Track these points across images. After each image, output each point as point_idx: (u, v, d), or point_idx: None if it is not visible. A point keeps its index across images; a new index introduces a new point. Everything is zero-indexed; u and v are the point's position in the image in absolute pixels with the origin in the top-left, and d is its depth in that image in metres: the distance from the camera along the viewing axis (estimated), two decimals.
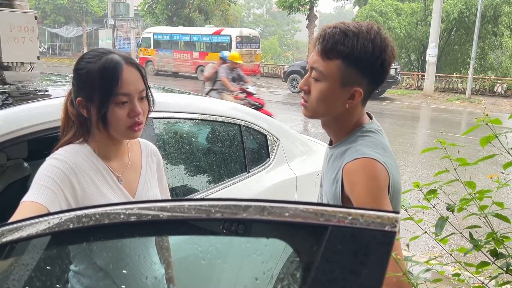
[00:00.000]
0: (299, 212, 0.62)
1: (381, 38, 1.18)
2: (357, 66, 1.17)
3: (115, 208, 0.68)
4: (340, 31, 1.17)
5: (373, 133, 1.26)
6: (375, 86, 1.24)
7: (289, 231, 0.63)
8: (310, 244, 0.63)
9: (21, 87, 1.96)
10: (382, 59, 1.17)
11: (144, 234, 0.73)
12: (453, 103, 16.05)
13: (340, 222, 0.61)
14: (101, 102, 1.20)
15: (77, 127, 1.27)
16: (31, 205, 1.12)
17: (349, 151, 1.22)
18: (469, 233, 1.64)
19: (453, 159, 1.68)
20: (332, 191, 1.25)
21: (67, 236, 0.68)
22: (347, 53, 1.15)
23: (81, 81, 1.22)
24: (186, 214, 0.65)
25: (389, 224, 0.60)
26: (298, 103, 6.06)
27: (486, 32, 20.20)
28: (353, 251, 0.61)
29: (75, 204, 1.20)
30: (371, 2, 22.46)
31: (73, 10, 34.69)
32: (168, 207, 0.66)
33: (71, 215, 0.69)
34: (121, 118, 1.22)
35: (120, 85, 1.20)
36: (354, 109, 1.25)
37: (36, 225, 0.71)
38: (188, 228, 0.67)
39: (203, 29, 22.95)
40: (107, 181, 1.28)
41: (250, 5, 58.09)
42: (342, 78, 1.18)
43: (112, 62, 1.21)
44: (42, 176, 1.17)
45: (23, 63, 3.69)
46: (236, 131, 2.34)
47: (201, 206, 0.65)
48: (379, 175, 1.16)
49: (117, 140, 1.32)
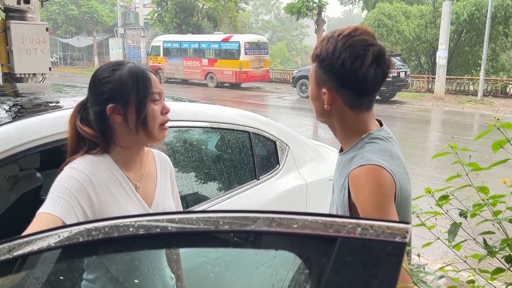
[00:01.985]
0: (308, 223, 0.62)
1: (346, 40, 1.18)
2: (322, 67, 1.23)
3: (124, 221, 0.68)
4: (323, 36, 1.26)
5: (380, 140, 1.25)
6: (351, 90, 1.22)
7: (298, 243, 0.63)
8: (320, 256, 0.62)
9: (33, 98, 1.99)
10: (342, 60, 1.17)
11: (153, 246, 0.73)
12: (465, 105, 15.88)
13: (349, 233, 0.61)
14: (140, 101, 1.25)
15: (93, 143, 1.28)
16: (46, 217, 1.14)
17: (355, 158, 1.22)
18: (483, 239, 1.61)
19: (465, 164, 1.66)
20: (340, 199, 1.26)
21: (78, 249, 0.69)
22: (316, 55, 1.25)
23: (113, 88, 1.24)
24: (194, 226, 0.65)
25: (400, 235, 0.60)
26: (307, 108, 6.09)
27: (497, 33, 19.98)
28: (363, 262, 0.60)
29: (92, 215, 1.21)
30: (380, 6, 22.38)
31: (84, 20, 35.17)
32: (176, 219, 0.66)
33: (81, 228, 0.69)
34: (157, 115, 1.28)
35: (153, 84, 1.27)
36: (340, 112, 1.26)
37: (47, 238, 0.72)
38: (197, 240, 0.67)
39: (212, 36, 23.09)
40: (125, 190, 1.30)
41: (258, 11, 58.30)
42: (315, 78, 1.27)
43: (138, 66, 1.28)
44: (58, 187, 1.19)
45: (35, 74, 3.75)
46: (245, 138, 2.34)
47: (210, 218, 0.65)
48: (385, 182, 1.15)
49: (139, 148, 1.35)
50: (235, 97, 18.11)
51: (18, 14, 3.63)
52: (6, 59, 3.62)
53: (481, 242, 1.60)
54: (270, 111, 14.42)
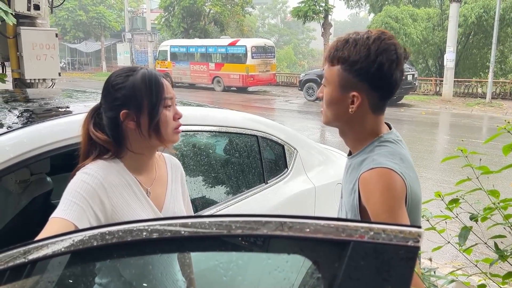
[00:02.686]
0: (320, 228, 0.62)
1: (380, 43, 1.18)
2: (352, 70, 1.20)
3: (137, 225, 0.69)
4: (343, 39, 1.23)
5: (391, 143, 1.25)
6: (380, 93, 1.23)
7: (310, 247, 0.63)
8: (332, 260, 0.62)
9: (44, 104, 2.01)
10: (379, 63, 1.17)
11: (166, 250, 0.74)
12: (473, 108, 15.76)
13: (361, 237, 0.61)
14: (153, 107, 1.26)
15: (104, 148, 1.29)
16: (59, 221, 1.15)
17: (366, 161, 1.22)
18: (494, 243, 1.60)
19: (476, 168, 1.65)
20: (350, 202, 1.26)
21: (91, 253, 0.69)
22: (343, 58, 1.20)
23: (126, 94, 1.25)
24: (207, 230, 0.66)
25: (412, 239, 0.60)
26: (314, 112, 6.09)
27: (506, 35, 19.84)
28: (376, 267, 0.60)
29: (104, 219, 1.22)
30: (386, 9, 22.33)
31: (92, 26, 35.50)
32: (189, 223, 0.66)
33: (95, 232, 0.70)
34: (170, 121, 1.29)
35: (165, 90, 1.28)
36: (362, 116, 1.25)
37: (61, 242, 0.73)
38: (210, 244, 0.67)
39: (219, 41, 23.19)
40: (136, 195, 1.31)
41: (265, 15, 58.45)
42: (340, 82, 1.22)
43: (151, 72, 1.29)
44: (71, 192, 1.20)
45: (45, 79, 3.79)
46: (253, 142, 2.35)
47: (222, 222, 0.66)
48: (395, 185, 1.15)
49: (151, 153, 1.36)
50: (242, 101, 18.14)
51: (28, 21, 3.67)
52: (17, 64, 3.66)
53: (492, 246, 1.59)
54: (277, 115, 14.43)
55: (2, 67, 3.90)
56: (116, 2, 38.00)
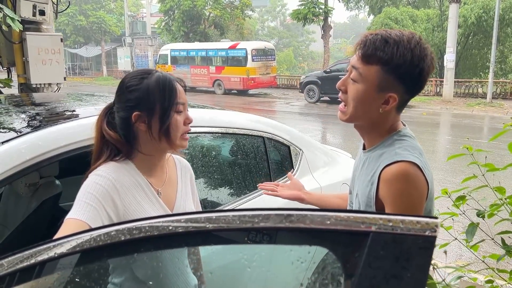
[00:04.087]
0: (341, 220, 0.65)
1: (421, 48, 1.21)
2: (395, 73, 1.20)
3: (162, 220, 0.72)
4: (381, 38, 1.21)
5: (409, 137, 1.28)
6: (411, 94, 1.27)
7: (331, 239, 0.66)
8: (352, 251, 0.65)
9: (55, 107, 2.04)
10: (420, 68, 1.20)
11: (192, 244, 0.77)
12: (474, 108, 15.79)
13: (381, 228, 0.64)
14: (164, 112, 1.28)
15: (116, 148, 1.32)
16: (74, 222, 1.17)
17: (386, 154, 1.24)
18: (501, 238, 1.62)
19: (481, 165, 1.68)
20: (366, 193, 1.26)
21: (120, 247, 0.72)
22: (386, 59, 1.19)
23: (139, 96, 1.28)
24: (231, 224, 0.69)
25: (429, 229, 0.62)
26: (315, 114, 6.10)
27: (505, 35, 19.88)
28: (395, 256, 0.63)
29: (117, 220, 1.25)
30: (386, 10, 22.39)
31: (92, 31, 35.62)
32: (214, 217, 0.69)
33: (123, 227, 0.73)
34: (180, 125, 1.31)
35: (178, 95, 1.30)
36: (388, 115, 1.27)
37: (88, 236, 0.76)
38: (234, 237, 0.70)
39: (219, 44, 23.24)
40: (147, 195, 1.33)
41: (264, 18, 58.58)
42: (380, 83, 1.21)
43: (166, 76, 1.31)
44: (85, 193, 1.22)
45: (50, 84, 3.82)
46: (260, 143, 2.38)
47: (245, 216, 0.69)
48: (421, 184, 1.18)
49: (161, 155, 1.38)
50: (243, 103, 18.18)
51: (34, 26, 3.71)
52: (23, 69, 3.69)
53: (499, 242, 1.61)
54: (278, 117, 14.46)
55: (8, 72, 3.94)
56: (116, 7, 38.13)
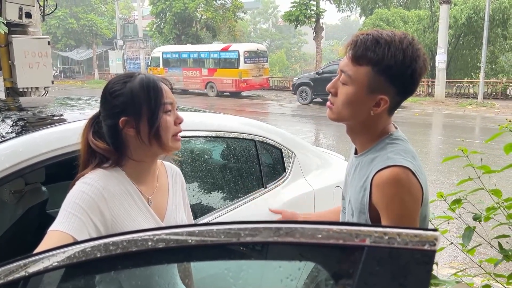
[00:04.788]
0: (333, 233, 0.60)
1: (413, 49, 1.17)
2: (386, 74, 1.16)
3: (142, 234, 0.67)
4: (372, 38, 1.17)
5: (401, 140, 1.24)
6: (403, 96, 1.23)
7: (323, 253, 0.61)
8: (346, 266, 0.60)
9: (38, 112, 1.98)
10: (412, 69, 1.16)
11: (172, 260, 0.72)
12: (466, 108, 15.87)
13: (376, 242, 0.59)
14: (152, 113, 1.23)
15: (104, 156, 1.26)
16: (58, 234, 1.11)
17: (378, 158, 1.19)
18: (498, 243, 1.59)
19: (477, 167, 1.64)
20: (359, 199, 1.22)
21: (95, 265, 0.67)
22: (376, 60, 1.15)
23: (125, 101, 1.23)
24: (215, 239, 0.64)
25: (429, 243, 0.58)
26: (308, 115, 6.09)
27: (496, 35, 20.02)
28: (392, 272, 0.58)
29: (104, 230, 1.19)
30: (377, 12, 22.47)
31: (83, 34, 35.36)
32: (196, 231, 0.64)
33: (99, 243, 0.68)
34: (170, 126, 1.26)
35: (164, 95, 1.25)
36: (379, 117, 1.23)
37: (61, 254, 0.70)
38: (218, 252, 0.65)
39: (211, 46, 23.18)
40: (137, 204, 1.27)
41: (256, 20, 58.58)
42: (370, 84, 1.18)
43: (149, 77, 1.26)
44: (70, 203, 1.16)
45: (38, 88, 3.75)
46: (251, 146, 2.33)
47: (230, 230, 0.64)
48: (414, 189, 1.14)
49: (153, 160, 1.33)
50: (236, 105, 18.12)
51: (20, 29, 3.64)
52: (9, 73, 3.62)
53: (496, 246, 1.58)
54: (271, 119, 14.42)
55: None
56: (107, 10, 37.88)
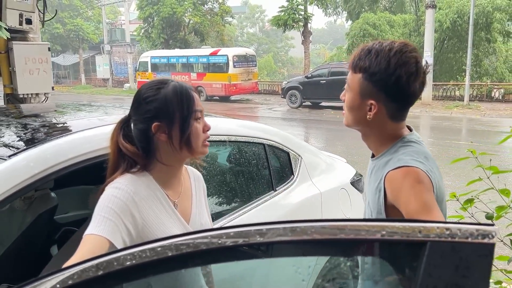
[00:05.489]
0: (397, 230, 0.65)
1: (401, 56, 1.23)
2: (372, 80, 1.26)
3: (201, 236, 0.70)
4: (367, 48, 1.28)
5: (414, 143, 1.30)
6: (398, 103, 1.29)
7: (388, 249, 0.65)
8: (410, 260, 0.65)
9: (57, 118, 1.99)
10: (396, 76, 1.23)
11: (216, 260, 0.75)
12: (452, 111, 16.15)
13: (438, 237, 0.63)
14: (184, 120, 1.26)
15: (133, 160, 1.29)
16: (94, 238, 1.14)
17: (391, 161, 1.26)
18: (510, 240, 1.65)
19: (486, 168, 1.71)
20: (375, 201, 1.29)
21: (166, 263, 0.70)
22: (365, 68, 1.26)
23: (158, 106, 1.26)
24: (283, 237, 0.68)
25: (488, 236, 0.63)
26: (298, 119, 6.14)
27: (480, 39, 20.45)
28: (454, 264, 0.63)
29: (135, 233, 1.22)
30: (364, 16, 22.78)
31: (69, 39, 35.02)
32: (264, 229, 0.68)
33: (169, 242, 0.71)
34: (200, 133, 1.30)
35: (196, 103, 1.29)
36: (380, 122, 1.30)
37: (136, 255, 0.73)
38: (284, 249, 0.69)
39: (200, 51, 23.18)
40: (165, 208, 1.31)
41: (243, 25, 58.78)
42: (361, 90, 1.29)
43: (182, 85, 1.30)
44: (103, 207, 1.19)
45: (38, 94, 3.73)
46: (261, 150, 2.37)
47: (296, 227, 0.68)
48: (423, 179, 1.19)
49: (180, 165, 1.36)
50: (226, 110, 18.14)
51: (20, 35, 3.62)
52: (9, 79, 3.60)
53: (508, 244, 1.64)
54: (262, 123, 14.42)
55: None
56: (93, 14, 37.58)
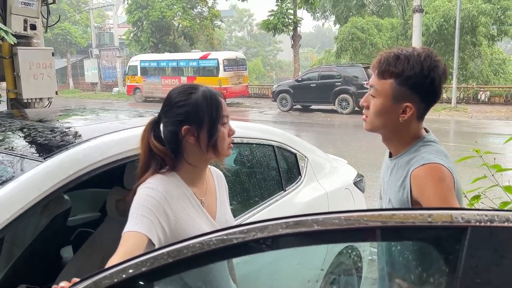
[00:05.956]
0: (440, 216, 0.73)
1: (431, 60, 1.34)
2: (407, 84, 1.34)
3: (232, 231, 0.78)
4: (393, 54, 1.36)
5: (433, 142, 1.41)
6: (429, 103, 1.40)
7: (432, 235, 0.74)
8: (452, 244, 0.74)
9: (78, 121, 2.05)
10: (431, 78, 1.33)
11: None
12: (440, 113, 16.44)
13: (478, 222, 0.72)
14: (213, 125, 1.35)
15: (163, 159, 1.37)
16: (134, 235, 1.22)
17: (414, 159, 1.36)
18: None
19: (490, 166, 1.82)
20: (399, 197, 1.38)
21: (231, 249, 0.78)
22: (397, 73, 1.34)
23: (188, 111, 1.34)
24: (337, 226, 0.76)
25: None
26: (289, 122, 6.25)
27: (465, 42, 20.86)
28: (494, 246, 0.72)
29: (169, 230, 1.30)
30: (352, 20, 23.08)
31: (57, 42, 34.71)
32: (320, 219, 0.76)
33: (220, 234, 0.79)
34: (225, 137, 1.39)
35: (223, 108, 1.38)
36: (408, 123, 1.40)
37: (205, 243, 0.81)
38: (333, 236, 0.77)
39: (190, 54, 23.21)
40: (193, 205, 1.39)
41: (231, 29, 58.98)
42: (394, 95, 1.36)
43: (211, 91, 1.38)
44: (139, 206, 1.27)
45: (42, 98, 3.77)
46: (270, 152, 2.45)
47: (351, 217, 0.76)
48: (446, 177, 1.30)
49: (206, 165, 1.45)
50: None
51: (24, 40, 3.66)
52: (13, 84, 3.62)
53: None
54: None
55: None
56: (81, 18, 37.36)
